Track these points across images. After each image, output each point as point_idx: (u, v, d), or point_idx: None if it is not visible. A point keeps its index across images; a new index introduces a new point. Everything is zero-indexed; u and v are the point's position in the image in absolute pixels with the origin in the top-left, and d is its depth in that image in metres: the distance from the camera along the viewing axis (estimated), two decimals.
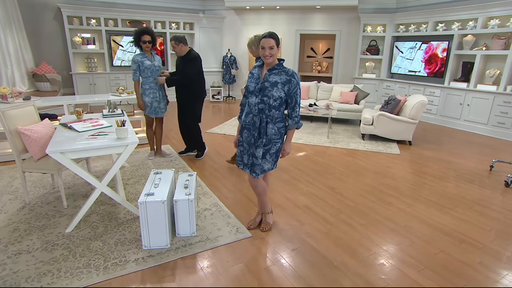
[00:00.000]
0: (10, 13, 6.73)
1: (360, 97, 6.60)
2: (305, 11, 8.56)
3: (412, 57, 7.36)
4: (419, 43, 7.15)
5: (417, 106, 5.02)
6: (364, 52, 8.24)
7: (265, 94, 2.24)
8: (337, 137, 5.65)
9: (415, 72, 7.35)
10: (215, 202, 3.09)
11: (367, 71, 8.36)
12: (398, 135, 5.30)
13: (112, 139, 2.52)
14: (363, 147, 5.13)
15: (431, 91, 6.85)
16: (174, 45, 3.79)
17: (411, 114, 5.08)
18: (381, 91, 8.20)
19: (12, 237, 2.44)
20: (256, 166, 2.36)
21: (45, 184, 3.38)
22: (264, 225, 2.64)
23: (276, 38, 2.20)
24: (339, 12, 8.32)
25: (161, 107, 4.03)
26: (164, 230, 2.33)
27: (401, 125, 5.19)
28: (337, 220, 2.87)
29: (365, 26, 8.04)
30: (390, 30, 7.78)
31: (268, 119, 2.29)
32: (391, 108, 5.37)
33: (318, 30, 8.72)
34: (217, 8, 9.11)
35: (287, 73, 2.25)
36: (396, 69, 7.84)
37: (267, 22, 8.93)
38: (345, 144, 5.25)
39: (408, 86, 7.39)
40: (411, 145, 5.29)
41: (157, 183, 2.51)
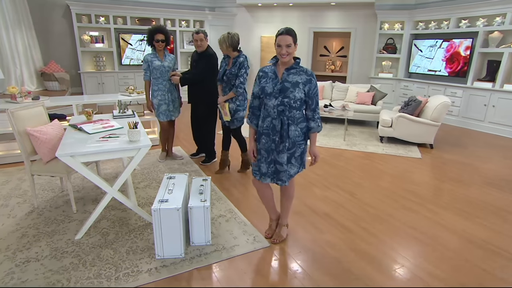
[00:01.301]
0: (19, 11, 6.78)
1: (377, 98, 6.45)
2: (319, 8, 8.44)
3: (432, 56, 7.16)
4: (439, 41, 6.95)
5: (440, 108, 4.85)
6: (380, 51, 8.07)
7: (287, 95, 2.13)
8: (353, 140, 5.51)
9: (435, 71, 7.16)
10: (230, 208, 3.00)
11: (384, 71, 8.19)
12: (419, 138, 5.14)
13: (124, 142, 2.45)
14: (382, 150, 4.99)
15: (452, 92, 6.65)
16: (203, 38, 3.64)
17: (433, 116, 4.92)
18: (398, 92, 8.01)
19: (20, 243, 2.39)
20: (282, 173, 2.25)
21: (54, 187, 3.35)
22: (277, 237, 2.53)
23: (293, 35, 2.08)
24: (354, 9, 8.17)
25: (171, 110, 3.96)
26: (179, 239, 2.25)
27: (422, 128, 5.03)
28: (358, 228, 2.76)
29: (382, 23, 7.87)
30: (408, 28, 7.60)
31: (290, 121, 2.18)
32: (412, 109, 5.21)
33: (332, 28, 8.59)
34: (228, 5, 9.05)
35: (306, 73, 2.15)
36: (415, 69, 7.65)
37: (279, 20, 8.83)
38: (362, 147, 5.12)
39: (427, 86, 7.20)
40: (432, 148, 5.13)
41: (171, 188, 2.43)
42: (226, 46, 3.32)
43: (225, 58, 3.49)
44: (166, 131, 4.09)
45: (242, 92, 3.44)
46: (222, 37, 3.33)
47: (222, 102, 3.48)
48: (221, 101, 3.49)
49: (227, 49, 3.34)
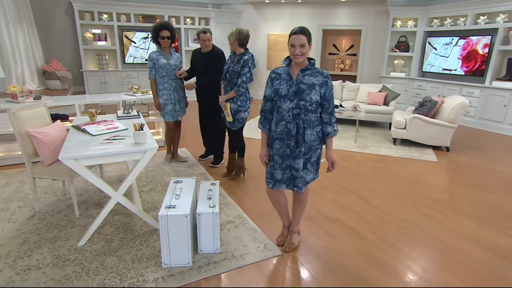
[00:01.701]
0: (21, 8, 6.78)
1: (389, 98, 6.35)
2: (328, 5, 8.36)
3: (447, 54, 7.04)
4: (455, 38, 6.83)
5: (457, 109, 4.75)
6: (392, 49, 7.97)
7: (303, 98, 2.06)
8: (365, 141, 5.43)
9: (450, 70, 7.04)
10: (239, 214, 2.94)
11: (396, 70, 8.08)
12: (434, 140, 5.04)
13: (129, 144, 2.40)
14: (395, 152, 4.90)
15: (469, 92, 6.53)
16: (211, 38, 3.66)
17: (449, 117, 4.81)
18: (411, 91, 7.90)
19: (21, 250, 2.35)
20: (298, 179, 2.19)
21: (56, 190, 3.31)
22: (289, 245, 2.46)
23: (308, 34, 2.02)
24: (365, 5, 8.08)
25: (177, 110, 3.91)
26: (186, 246, 2.20)
27: (438, 129, 4.93)
28: (373, 235, 2.68)
29: (394, 20, 7.77)
30: (422, 25, 7.48)
31: (306, 124, 2.11)
32: (427, 110, 5.11)
33: (342, 25, 8.50)
34: (234, 2, 9.00)
35: (322, 74, 2.09)
36: (429, 67, 7.53)
37: (287, 17, 8.76)
38: (375, 149, 5.03)
39: (442, 86, 7.09)
40: (448, 151, 5.03)
41: (178, 193, 2.38)
42: (232, 39, 3.27)
43: (231, 55, 3.43)
44: (172, 132, 4.05)
45: (243, 92, 3.37)
46: (231, 32, 3.30)
47: (223, 102, 3.41)
48: (222, 100, 3.43)
49: (234, 43, 3.28)
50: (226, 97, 3.39)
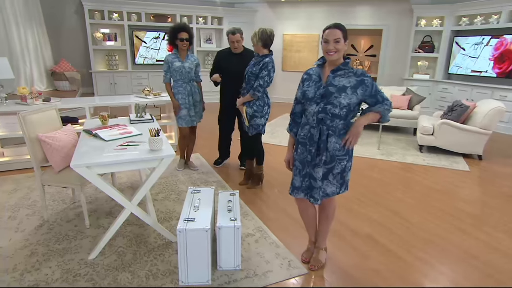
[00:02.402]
0: (31, 7, 6.85)
1: (414, 102, 6.17)
2: (347, 3, 8.23)
3: (477, 55, 6.83)
4: (487, 37, 6.61)
5: (492, 114, 4.56)
6: (416, 50, 7.79)
7: (330, 102, 1.95)
8: (389, 148, 5.26)
9: (480, 72, 6.82)
10: (259, 226, 2.83)
11: (419, 71, 7.90)
12: (465, 147, 4.84)
13: (145, 151, 2.32)
14: (423, 161, 4.73)
15: (501, 95, 6.29)
16: (241, 39, 3.58)
17: (483, 123, 4.62)
18: (435, 95, 7.70)
19: (29, 263, 2.29)
20: (315, 190, 2.07)
21: (65, 198, 3.26)
22: (315, 262, 2.33)
23: (344, 30, 1.93)
24: (387, 4, 7.93)
25: (192, 115, 3.82)
26: (206, 263, 2.10)
27: (469, 136, 4.74)
28: (410, 255, 2.53)
29: (418, 19, 7.59)
30: (449, 24, 7.29)
31: (330, 131, 1.99)
32: (457, 115, 4.93)
33: (362, 25, 8.36)
34: (249, 1, 8.95)
35: (356, 74, 1.96)
36: (456, 69, 7.32)
37: (303, 16, 8.66)
38: (400, 157, 4.86)
39: (470, 89, 6.87)
40: (481, 159, 4.82)
41: (197, 205, 2.28)
42: (256, 40, 3.18)
43: (256, 56, 3.34)
44: (186, 138, 3.97)
45: (261, 97, 3.27)
46: (254, 32, 3.21)
47: (240, 105, 3.32)
48: (239, 103, 3.33)
49: (257, 43, 3.19)
50: (242, 100, 3.30)
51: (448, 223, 3.01)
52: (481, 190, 3.83)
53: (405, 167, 4.47)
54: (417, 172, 4.28)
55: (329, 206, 2.23)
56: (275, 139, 5.44)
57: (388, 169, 4.37)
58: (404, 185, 3.87)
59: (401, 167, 4.49)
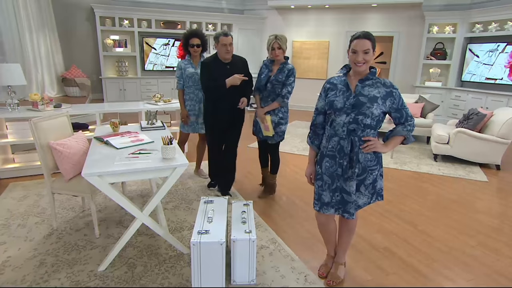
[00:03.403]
0: (44, 14, 6.92)
1: (427, 110, 6.04)
2: (358, 10, 8.17)
3: (492, 62, 6.70)
4: (502, 44, 6.48)
5: (510, 123, 4.42)
6: (428, 57, 7.68)
7: (362, 112, 1.86)
8: (402, 157, 5.14)
9: (495, 80, 6.68)
10: (273, 238, 2.74)
11: (431, 79, 7.77)
12: (482, 157, 4.71)
13: (157, 160, 2.25)
14: (438, 170, 4.60)
15: None
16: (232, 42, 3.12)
17: (501, 132, 4.49)
18: (448, 102, 7.56)
19: (37, 274, 2.22)
20: (349, 204, 1.98)
21: (74, 206, 3.20)
22: (333, 278, 2.23)
23: (372, 39, 1.85)
24: (398, 10, 7.85)
25: (200, 122, 3.76)
26: (220, 276, 2.02)
27: (487, 145, 4.60)
28: (432, 271, 2.41)
29: (430, 26, 7.49)
30: (462, 30, 7.18)
31: (362, 142, 1.92)
32: (473, 124, 4.80)
33: (373, 32, 8.14)
34: (258, 8, 8.95)
35: (385, 85, 1.89)
36: (469, 77, 7.19)
37: (313, 23, 8.62)
38: (414, 166, 4.74)
39: (485, 97, 6.72)
40: (499, 170, 4.68)
41: (211, 216, 2.20)
42: (285, 47, 3.11)
43: (267, 64, 3.27)
44: (183, 143, 3.95)
45: (287, 103, 3.22)
46: (283, 37, 3.10)
47: (263, 115, 3.24)
48: (261, 113, 3.24)
49: (284, 51, 3.13)
50: (268, 108, 3.19)
51: (468, 237, 2.89)
52: (501, 202, 3.69)
53: (420, 177, 4.34)
54: (433, 182, 4.16)
55: (354, 219, 2.13)
56: (285, 147, 5.36)
57: (403, 179, 4.25)
58: (420, 195, 3.75)
59: (416, 176, 4.36)
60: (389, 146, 1.97)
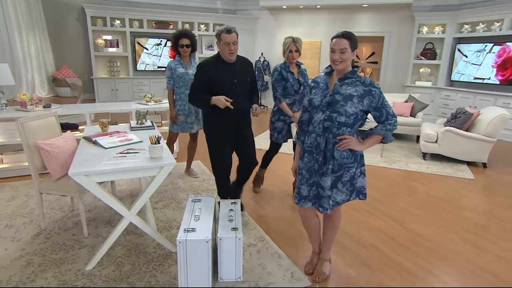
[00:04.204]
0: (33, 14, 6.87)
1: (417, 109, 6.12)
2: (349, 10, 8.24)
3: (480, 62, 6.80)
4: (489, 44, 6.58)
5: (496, 121, 4.50)
6: (418, 57, 7.77)
7: (336, 110, 1.91)
8: (392, 156, 5.20)
9: (483, 79, 6.78)
10: (261, 236, 2.76)
11: (421, 79, 7.86)
12: (469, 155, 4.78)
13: (145, 159, 2.27)
14: (426, 168, 4.66)
15: (505, 102, 6.24)
16: (237, 41, 2.60)
17: (487, 130, 4.57)
18: (438, 102, 7.66)
19: (24, 274, 2.22)
20: (324, 199, 2.02)
21: (63, 206, 3.20)
22: (319, 274, 2.27)
23: (351, 39, 1.88)
24: (389, 11, 7.92)
25: (190, 122, 3.77)
26: (206, 274, 2.03)
27: (474, 144, 4.68)
28: (417, 267, 2.45)
29: (420, 26, 7.58)
30: (451, 31, 7.27)
31: (336, 140, 1.96)
32: (461, 123, 4.87)
33: (364, 32, 8.34)
34: (250, 8, 8.98)
35: (364, 83, 1.92)
36: (458, 76, 7.29)
37: (305, 23, 8.66)
38: (403, 165, 4.80)
39: (473, 96, 6.82)
40: (486, 167, 4.76)
41: (198, 214, 2.22)
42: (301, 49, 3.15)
43: (285, 68, 3.22)
44: (172, 143, 3.96)
45: None
46: (299, 39, 3.12)
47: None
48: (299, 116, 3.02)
49: (300, 54, 3.17)
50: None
51: (454, 234, 2.94)
52: (487, 200, 3.76)
53: (409, 175, 4.40)
54: (422, 181, 4.22)
55: (335, 214, 2.18)
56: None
57: (392, 177, 4.30)
58: (409, 193, 3.80)
59: (405, 175, 4.42)
60: (365, 144, 2.00)
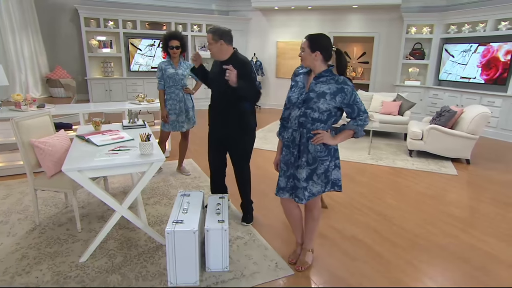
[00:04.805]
0: (26, 15, 6.92)
1: (404, 108, 6.28)
2: (340, 11, 8.38)
3: (466, 62, 6.98)
4: (474, 45, 6.77)
5: (478, 119, 4.66)
6: (407, 57, 7.94)
7: (310, 106, 2.06)
8: (379, 153, 5.34)
9: (468, 78, 6.96)
10: (248, 229, 2.88)
11: (410, 78, 8.03)
12: (453, 152, 4.94)
13: (135, 156, 2.37)
14: (412, 165, 4.81)
15: (489, 101, 6.42)
16: (211, 42, 2.61)
17: (470, 128, 4.72)
18: (426, 101, 7.83)
19: (20, 266, 2.32)
20: (299, 190, 2.16)
21: (57, 202, 3.29)
22: (301, 264, 2.40)
23: (311, 40, 2.06)
24: (378, 12, 8.08)
25: (181, 121, 3.88)
26: (194, 264, 2.14)
27: (457, 141, 4.84)
28: (395, 256, 2.59)
29: (408, 27, 7.75)
30: (438, 31, 7.45)
31: (310, 134, 2.10)
32: (445, 120, 5.03)
33: (354, 32, 8.50)
34: (242, 9, 9.09)
35: (337, 81, 2.06)
36: (445, 76, 7.47)
37: (297, 24, 8.80)
38: (390, 162, 4.95)
39: (460, 95, 7.00)
40: (469, 164, 4.92)
41: (186, 208, 2.33)
42: None
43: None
44: (164, 142, 4.06)
45: None
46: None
47: None
48: None
49: None
50: None
51: (436, 227, 3.08)
52: (470, 195, 3.91)
53: (395, 172, 4.54)
54: (407, 177, 4.36)
55: (315, 206, 2.30)
56: (268, 145, 5.52)
57: (378, 174, 4.44)
58: (393, 189, 3.94)
59: (391, 171, 4.56)
60: (337, 139, 2.13)
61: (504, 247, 2.78)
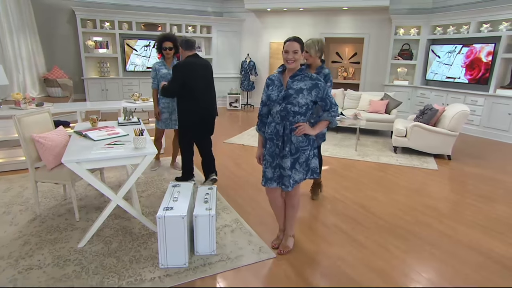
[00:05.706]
0: (24, 16, 7.09)
1: (391, 106, 6.51)
2: (331, 13, 8.61)
3: (451, 62, 7.23)
4: (459, 46, 7.02)
5: (458, 117, 4.90)
6: (395, 57, 8.17)
7: (290, 102, 2.28)
8: (366, 150, 5.57)
9: (454, 78, 7.21)
10: (236, 218, 3.09)
11: (399, 78, 8.27)
12: (435, 148, 5.17)
13: (129, 149, 2.57)
14: (396, 161, 5.03)
15: (473, 100, 6.68)
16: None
17: (450, 125, 4.96)
18: (414, 100, 8.07)
19: (23, 250, 2.51)
20: (285, 178, 2.36)
21: (56, 195, 3.48)
22: (283, 247, 2.61)
23: (300, 42, 2.27)
24: (368, 13, 8.31)
25: (173, 119, 4.07)
26: (183, 248, 2.34)
27: (438, 138, 5.07)
28: (371, 242, 2.80)
29: (397, 28, 7.99)
30: (425, 33, 7.69)
31: (293, 127, 2.31)
32: (427, 118, 5.26)
33: (345, 34, 8.73)
34: (236, 11, 9.29)
35: (311, 78, 2.30)
36: (432, 76, 7.71)
37: (289, 25, 9.01)
38: (375, 158, 5.17)
39: (445, 94, 7.25)
40: (450, 159, 5.15)
41: (176, 196, 2.54)
42: (314, 51, 3.01)
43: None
44: (159, 139, 4.24)
45: None
46: (310, 41, 3.02)
47: None
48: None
49: (315, 55, 3.02)
50: None
51: (413, 217, 3.28)
52: (448, 188, 4.13)
53: (379, 167, 4.76)
54: (389, 171, 4.58)
55: (294, 195, 2.51)
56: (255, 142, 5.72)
57: (364, 169, 4.66)
58: (376, 183, 4.16)
59: (375, 167, 4.78)
60: (316, 129, 2.37)
61: (472, 233, 2.99)
